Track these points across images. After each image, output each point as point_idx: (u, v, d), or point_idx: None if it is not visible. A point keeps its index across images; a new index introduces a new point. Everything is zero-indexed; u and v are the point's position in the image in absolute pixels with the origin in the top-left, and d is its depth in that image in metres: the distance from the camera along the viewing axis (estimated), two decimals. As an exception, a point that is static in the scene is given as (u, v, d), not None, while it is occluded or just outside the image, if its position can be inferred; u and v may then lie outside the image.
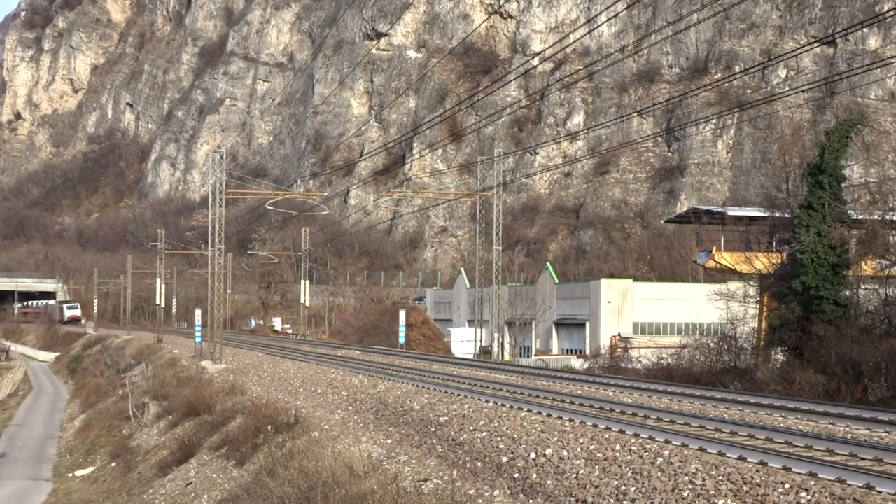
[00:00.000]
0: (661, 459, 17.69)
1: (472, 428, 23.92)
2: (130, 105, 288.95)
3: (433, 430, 25.15)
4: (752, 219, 48.19)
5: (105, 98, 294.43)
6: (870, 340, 35.75)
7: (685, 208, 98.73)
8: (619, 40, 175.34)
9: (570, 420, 23.02)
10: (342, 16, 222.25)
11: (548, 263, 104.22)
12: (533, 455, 20.19)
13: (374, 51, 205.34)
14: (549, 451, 20.01)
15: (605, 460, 18.55)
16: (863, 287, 40.91)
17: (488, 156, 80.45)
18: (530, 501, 18.07)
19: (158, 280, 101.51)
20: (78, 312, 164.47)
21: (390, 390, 32.76)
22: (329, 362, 49.69)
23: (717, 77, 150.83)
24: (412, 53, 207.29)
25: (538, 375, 40.65)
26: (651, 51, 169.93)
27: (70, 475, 44.36)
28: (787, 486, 15.11)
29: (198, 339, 64.70)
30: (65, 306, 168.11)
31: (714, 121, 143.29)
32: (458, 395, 29.86)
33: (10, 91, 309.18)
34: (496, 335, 65.21)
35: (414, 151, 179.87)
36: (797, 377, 35.43)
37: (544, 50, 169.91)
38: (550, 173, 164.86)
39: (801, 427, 22.74)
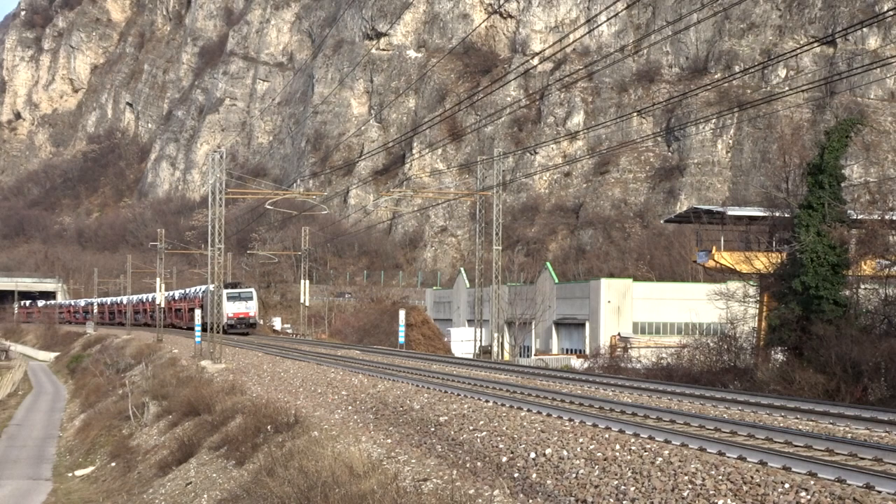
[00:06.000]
0: (660, 459, 17.68)
1: (471, 428, 23.91)
2: (130, 105, 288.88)
3: (433, 429, 25.13)
4: (751, 219, 48.18)
5: (105, 98, 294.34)
6: (869, 340, 35.75)
7: (685, 208, 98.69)
8: (618, 40, 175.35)
9: (570, 420, 23.01)
10: (342, 15, 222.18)
11: (547, 263, 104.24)
12: (533, 455, 20.18)
13: (373, 50, 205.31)
14: (548, 451, 20.01)
15: (605, 460, 18.54)
16: (862, 287, 40.91)
17: (488, 155, 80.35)
18: (530, 501, 18.06)
19: (158, 280, 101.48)
20: (252, 308, 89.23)
21: (390, 390, 32.72)
22: (329, 362, 49.62)
23: (716, 77, 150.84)
24: (412, 53, 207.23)
25: (538, 375, 40.59)
26: (651, 50, 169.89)
27: (70, 475, 44.34)
28: (786, 485, 15.10)
29: (197, 339, 64.70)
30: (225, 293, 79.26)
31: (714, 121, 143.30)
32: (458, 394, 29.83)
33: (9, 91, 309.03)
34: (496, 335, 65.17)
35: (414, 151, 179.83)
36: (797, 377, 35.42)
37: (544, 50, 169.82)
38: (550, 173, 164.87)
39: (800, 427, 22.72)
